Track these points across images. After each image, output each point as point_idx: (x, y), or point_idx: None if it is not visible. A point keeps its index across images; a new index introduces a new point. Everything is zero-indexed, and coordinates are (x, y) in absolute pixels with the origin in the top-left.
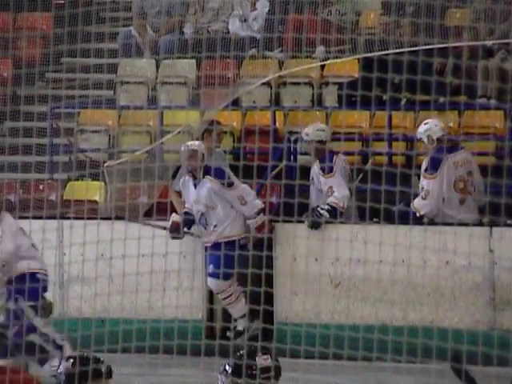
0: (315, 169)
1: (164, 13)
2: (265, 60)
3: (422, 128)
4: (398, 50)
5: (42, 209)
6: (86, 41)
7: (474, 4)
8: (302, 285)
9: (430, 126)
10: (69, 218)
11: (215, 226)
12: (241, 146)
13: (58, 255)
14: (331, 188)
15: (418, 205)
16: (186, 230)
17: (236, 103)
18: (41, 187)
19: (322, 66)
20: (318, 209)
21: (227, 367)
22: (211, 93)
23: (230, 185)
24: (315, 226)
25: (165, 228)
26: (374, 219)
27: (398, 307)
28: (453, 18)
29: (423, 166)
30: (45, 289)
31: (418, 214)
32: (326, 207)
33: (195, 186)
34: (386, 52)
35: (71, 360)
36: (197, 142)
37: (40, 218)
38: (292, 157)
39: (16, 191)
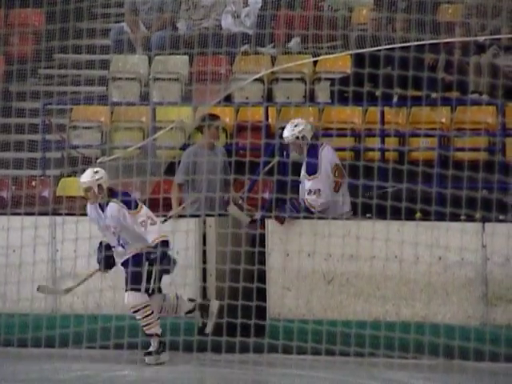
0: None
1: (156, 9)
2: (257, 56)
3: (294, 130)
4: (389, 46)
5: (35, 205)
6: (78, 37)
7: None
8: (294, 281)
9: (303, 127)
10: (61, 215)
11: None
12: (233, 141)
13: (50, 251)
14: None
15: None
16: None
17: (228, 99)
18: (33, 183)
19: (315, 62)
20: None
21: None
22: (203, 89)
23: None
24: None
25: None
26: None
27: (390, 303)
28: (445, 13)
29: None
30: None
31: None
32: None
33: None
34: (378, 48)
35: None
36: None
37: (32, 214)
38: (284, 153)
39: (8, 187)
